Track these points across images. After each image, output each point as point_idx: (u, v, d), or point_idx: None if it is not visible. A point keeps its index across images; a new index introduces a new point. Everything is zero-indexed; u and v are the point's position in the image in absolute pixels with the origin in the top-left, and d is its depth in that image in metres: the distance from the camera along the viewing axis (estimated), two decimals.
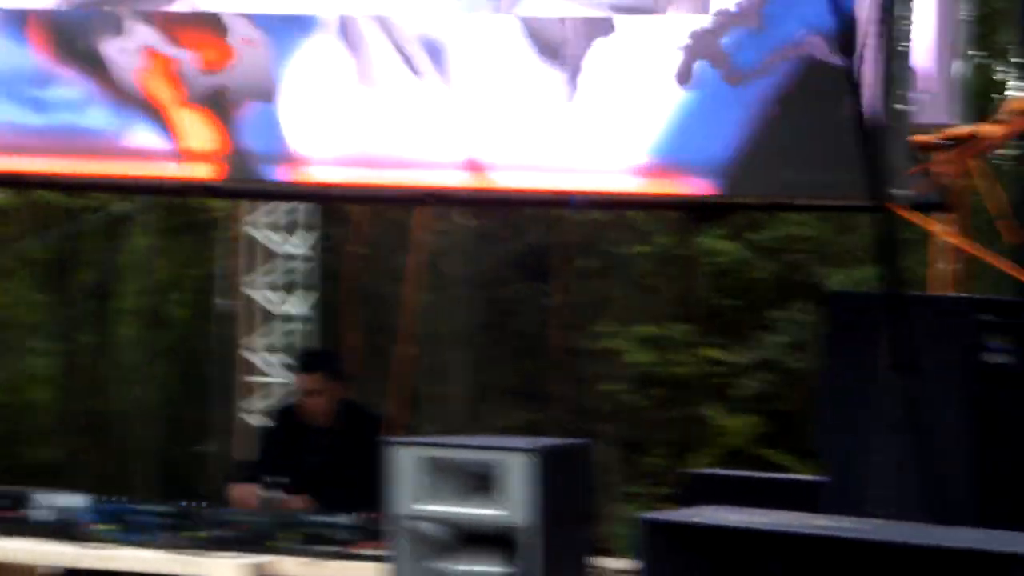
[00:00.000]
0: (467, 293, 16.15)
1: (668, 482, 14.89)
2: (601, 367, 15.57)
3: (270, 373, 11.74)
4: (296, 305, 11.88)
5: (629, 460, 14.77)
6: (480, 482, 5.22)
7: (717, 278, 15.36)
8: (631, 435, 15.30)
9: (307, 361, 7.87)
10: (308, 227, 11.91)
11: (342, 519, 6.15)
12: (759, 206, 7.68)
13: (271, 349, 11.79)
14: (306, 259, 11.88)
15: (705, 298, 15.14)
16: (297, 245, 11.89)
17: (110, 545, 6.02)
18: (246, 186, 7.23)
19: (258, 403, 11.82)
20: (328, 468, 7.06)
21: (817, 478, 6.11)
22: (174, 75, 6.68)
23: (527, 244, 16.56)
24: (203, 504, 6.49)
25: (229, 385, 13.22)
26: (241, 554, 5.91)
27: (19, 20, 6.84)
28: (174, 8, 6.71)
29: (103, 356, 20.48)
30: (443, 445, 5.35)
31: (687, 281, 15.83)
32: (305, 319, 11.91)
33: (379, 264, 16.71)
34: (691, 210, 7.23)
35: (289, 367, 11.46)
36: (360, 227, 13.16)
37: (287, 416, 7.46)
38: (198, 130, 6.64)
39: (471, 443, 5.35)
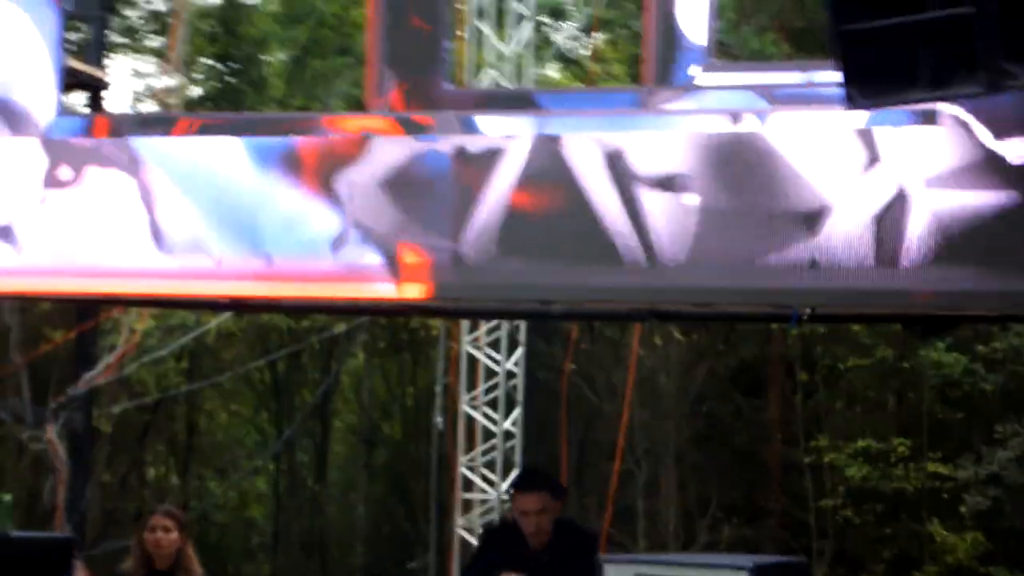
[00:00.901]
0: (681, 409, 16.12)
1: None
2: (818, 482, 15.34)
3: (487, 490, 11.75)
4: (510, 422, 11.92)
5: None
6: None
7: (941, 391, 15.03)
8: (849, 552, 15.00)
9: (528, 480, 7.70)
10: (514, 344, 11.96)
11: None
12: (990, 318, 7.44)
13: (489, 466, 11.82)
14: (512, 375, 11.91)
15: (929, 411, 14.82)
16: (510, 363, 11.95)
17: None
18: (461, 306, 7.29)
19: (476, 519, 11.85)
20: None
21: None
22: None
23: (741, 359, 16.49)
24: None
25: (444, 502, 13.33)
26: None
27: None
28: None
29: (320, 474, 20.97)
30: (658, 562, 5.30)
31: (909, 394, 15.53)
32: (512, 435, 11.95)
33: (591, 380, 16.83)
34: (917, 324, 7.03)
35: (508, 484, 11.57)
36: (572, 343, 13.23)
37: (501, 534, 7.40)
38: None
39: (686, 560, 5.32)
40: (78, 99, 13.45)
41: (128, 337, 11.87)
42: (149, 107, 17.25)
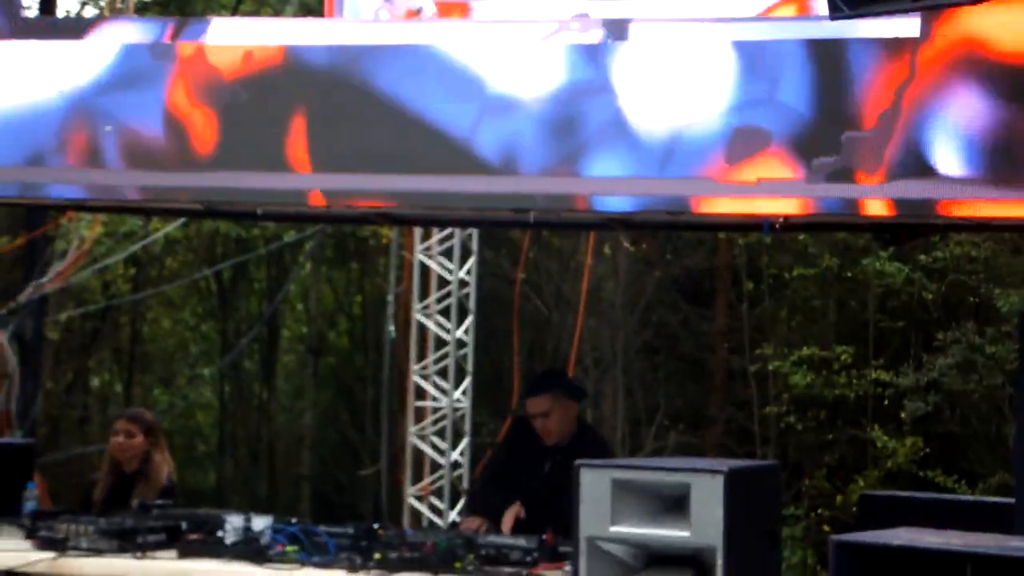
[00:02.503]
0: (629, 318, 16.14)
1: (830, 504, 14.74)
2: (763, 390, 15.45)
3: (439, 398, 11.74)
4: (462, 331, 11.87)
5: (789, 483, 14.58)
6: (669, 504, 5.16)
7: (883, 300, 15.14)
8: (792, 457, 15.13)
9: (533, 383, 7.76)
10: (467, 253, 11.89)
11: (522, 541, 6.13)
12: (947, 226, 7.46)
13: (441, 374, 11.80)
14: (464, 284, 11.85)
15: (871, 320, 14.94)
16: (462, 272, 11.88)
17: (295, 566, 6.02)
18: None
19: (428, 427, 11.84)
20: (555, 488, 7.04)
21: (1001, 499, 5.94)
22: None
23: (688, 268, 16.52)
24: (382, 526, 6.51)
25: (396, 411, 13.30)
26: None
27: None
28: None
29: (267, 383, 20.90)
30: (633, 467, 5.32)
31: (852, 303, 15.63)
32: (463, 344, 11.90)
33: (540, 290, 16.81)
34: (887, 232, 7.06)
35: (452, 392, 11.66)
36: (524, 253, 13.17)
37: (527, 428, 7.42)
38: None
39: (661, 465, 5.28)
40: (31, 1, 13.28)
41: (79, 244, 11.71)
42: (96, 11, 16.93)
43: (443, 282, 11.87)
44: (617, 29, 6.23)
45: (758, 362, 15.26)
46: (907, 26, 5.79)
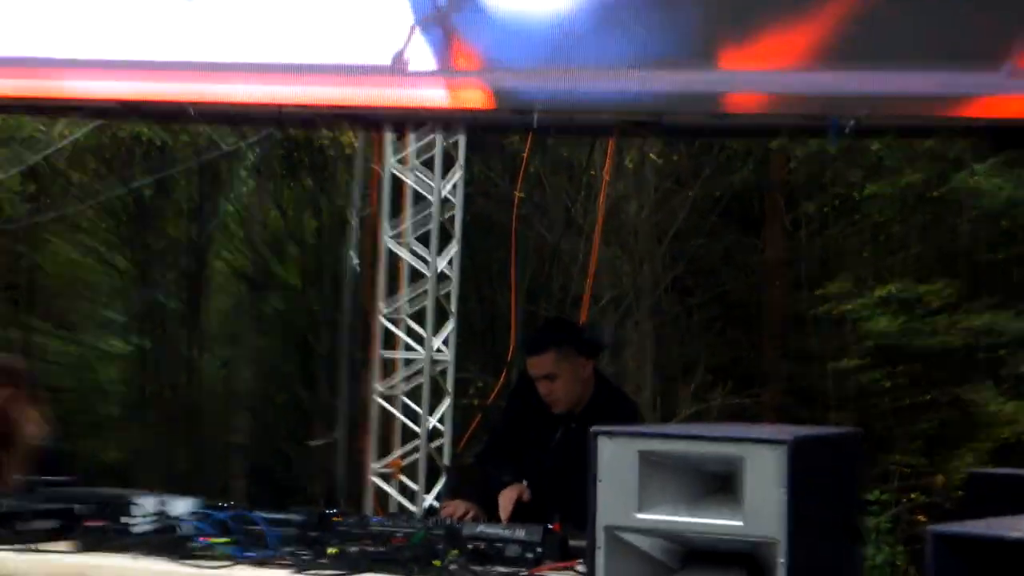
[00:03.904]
0: (657, 248, 16.13)
1: (925, 487, 14.76)
2: (831, 339, 15.44)
3: (413, 346, 11.75)
4: (445, 262, 11.87)
5: (871, 459, 14.58)
6: (714, 485, 5.09)
7: (982, 224, 15.14)
8: (874, 425, 15.13)
9: (534, 336, 7.79)
10: (451, 163, 11.89)
11: (521, 532, 6.05)
12: None
13: (417, 317, 11.80)
14: (448, 203, 11.85)
15: (969, 249, 14.98)
16: (445, 188, 11.88)
17: (224, 563, 5.92)
18: None
19: (399, 384, 11.81)
20: (565, 465, 6.95)
21: None
22: None
23: (732, 186, 16.45)
24: (341, 512, 6.47)
25: (358, 364, 13.27)
26: None
27: None
28: None
29: (193, 328, 20.91)
30: (666, 436, 5.21)
31: (942, 229, 15.62)
32: (446, 279, 11.91)
33: (545, 212, 16.77)
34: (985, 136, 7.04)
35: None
36: (524, 164, 13.18)
37: (529, 388, 7.45)
38: None
39: (703, 433, 5.17)
40: None
41: None
42: None
43: (421, 201, 11.79)
44: None
45: (824, 303, 15.25)
46: None
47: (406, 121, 9.40)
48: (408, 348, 11.80)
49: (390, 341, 11.91)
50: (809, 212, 15.88)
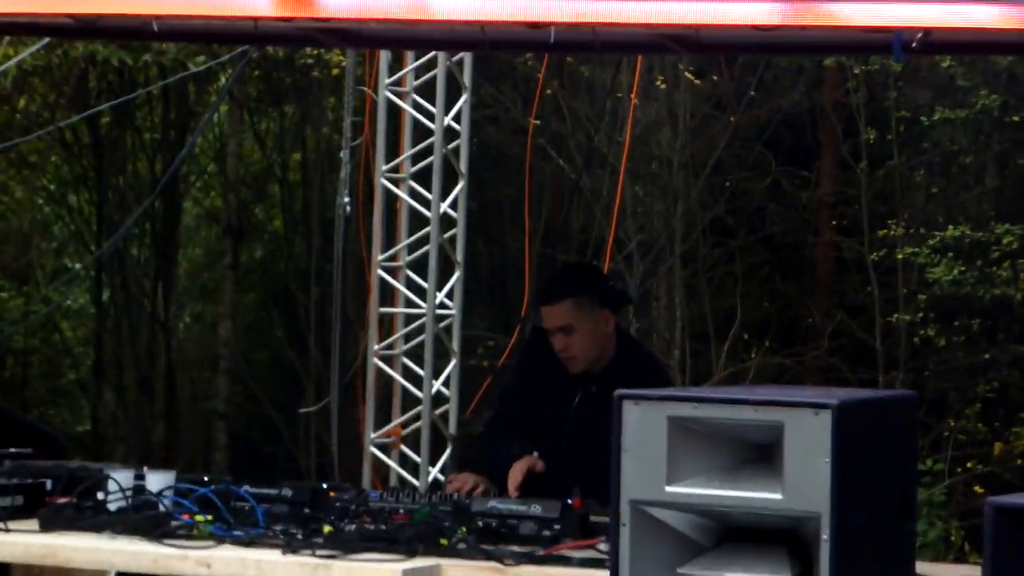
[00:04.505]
0: (692, 184, 16.09)
1: (984, 456, 14.79)
2: (888, 289, 15.44)
3: (414, 299, 11.76)
4: (448, 203, 11.88)
5: (925, 425, 14.66)
6: (752, 454, 5.17)
7: None
8: (930, 388, 15.17)
9: (549, 285, 7.75)
10: (456, 89, 11.87)
11: (536, 508, 6.18)
12: None
13: (417, 266, 11.82)
14: (452, 134, 11.84)
15: None
16: (449, 116, 11.87)
17: (207, 543, 6.08)
18: None
19: (400, 342, 11.88)
20: (584, 432, 7.10)
21: None
22: None
23: (780, 111, 16.38)
24: (336, 486, 6.57)
25: (352, 320, 13.35)
26: (396, 558, 5.93)
27: None
28: None
29: (164, 281, 20.90)
30: (699, 400, 5.25)
31: (1020, 161, 15.58)
32: (450, 222, 11.92)
33: (562, 143, 16.74)
34: None
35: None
36: (540, 88, 13.14)
37: (542, 346, 7.45)
38: None
39: (740, 396, 5.21)
40: None
41: None
42: None
43: (421, 131, 11.85)
44: None
45: (882, 248, 15.25)
46: None
47: (406, 42, 9.38)
48: (408, 303, 11.82)
49: (387, 295, 11.96)
50: (869, 140, 15.83)
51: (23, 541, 6.17)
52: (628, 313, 14.28)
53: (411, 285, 11.85)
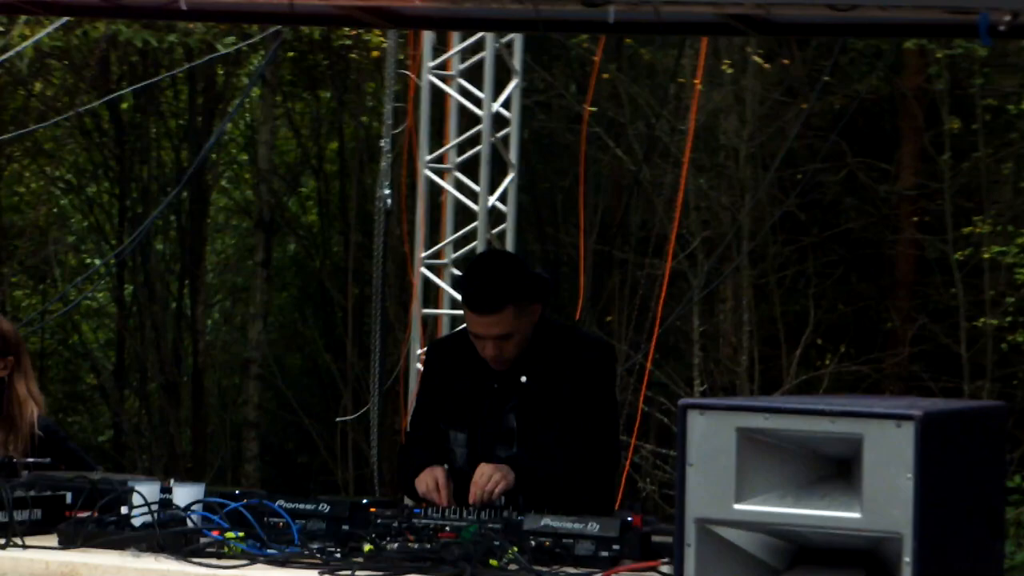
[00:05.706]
0: (760, 176, 16.09)
1: None
2: (974, 290, 15.42)
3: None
4: (498, 195, 11.93)
5: (1014, 438, 14.65)
6: (828, 469, 5.17)
7: None
8: (1014, 398, 15.15)
9: (480, 293, 7.27)
10: (505, 73, 11.90)
11: (594, 526, 6.21)
12: None
13: (463, 265, 11.85)
14: (502, 121, 11.87)
15: None
16: (497, 103, 11.92)
17: (240, 562, 6.08)
18: None
19: None
20: (534, 428, 7.14)
21: None
22: None
23: (857, 98, 16.34)
24: (377, 501, 6.56)
25: (393, 323, 13.39)
26: None
27: None
28: None
29: (191, 278, 20.96)
30: (771, 410, 5.24)
31: None
32: (499, 215, 11.96)
33: (620, 131, 16.75)
34: None
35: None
36: (596, 71, 13.17)
37: (454, 352, 7.44)
38: None
39: (815, 407, 5.21)
40: None
41: None
42: None
43: (468, 118, 11.88)
44: None
45: (967, 246, 15.25)
46: None
47: (451, 21, 9.41)
48: (454, 304, 11.86)
49: (431, 295, 12.01)
50: (953, 130, 15.83)
51: (41, 558, 6.18)
52: (693, 308, 14.26)
53: (456, 285, 11.86)
